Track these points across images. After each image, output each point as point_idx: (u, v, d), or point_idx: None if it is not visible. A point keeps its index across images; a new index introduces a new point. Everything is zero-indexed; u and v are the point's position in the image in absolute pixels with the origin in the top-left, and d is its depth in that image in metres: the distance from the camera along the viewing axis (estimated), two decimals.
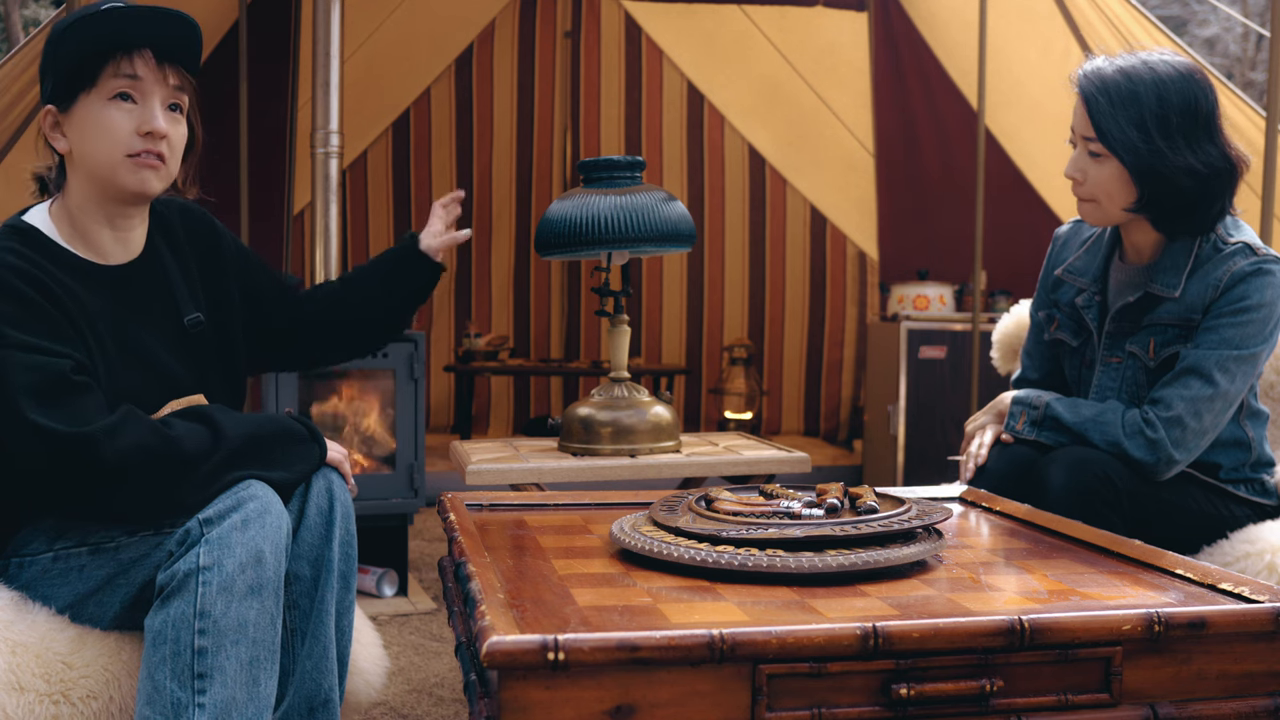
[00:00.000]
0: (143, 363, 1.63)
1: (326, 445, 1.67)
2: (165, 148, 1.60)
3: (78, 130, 1.57)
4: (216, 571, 1.41)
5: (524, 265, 6.24)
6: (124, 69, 1.55)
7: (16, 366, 1.44)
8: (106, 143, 1.56)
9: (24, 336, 1.46)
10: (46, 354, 1.47)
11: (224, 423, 1.54)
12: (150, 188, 1.60)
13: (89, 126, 1.56)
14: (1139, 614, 1.14)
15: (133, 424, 1.46)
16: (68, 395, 1.45)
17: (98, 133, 1.56)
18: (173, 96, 1.61)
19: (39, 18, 12.18)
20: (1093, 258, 2.06)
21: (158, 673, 1.39)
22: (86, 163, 1.58)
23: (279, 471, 1.57)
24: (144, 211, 1.69)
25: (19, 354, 1.45)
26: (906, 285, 5.16)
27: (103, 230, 1.63)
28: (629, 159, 2.23)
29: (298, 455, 1.61)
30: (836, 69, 5.63)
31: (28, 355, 1.45)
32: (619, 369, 2.34)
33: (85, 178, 1.59)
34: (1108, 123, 1.85)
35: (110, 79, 1.55)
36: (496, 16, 6.02)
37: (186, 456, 1.47)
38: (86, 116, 1.56)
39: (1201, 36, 14.25)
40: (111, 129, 1.56)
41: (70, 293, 1.55)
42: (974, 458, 2.00)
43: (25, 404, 1.42)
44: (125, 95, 1.56)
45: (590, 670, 1.03)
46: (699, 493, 1.57)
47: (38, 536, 1.57)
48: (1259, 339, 1.86)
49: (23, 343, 1.46)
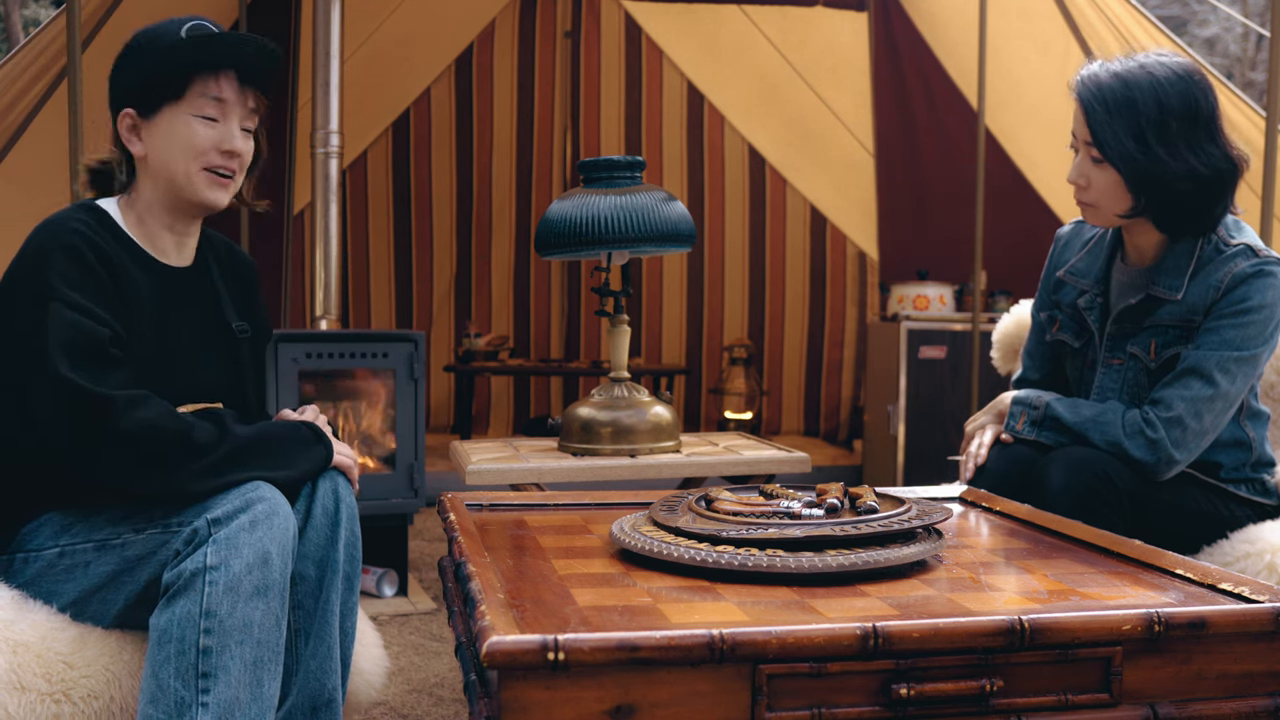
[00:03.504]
0: (176, 358, 1.67)
1: (334, 447, 1.68)
2: (238, 165, 1.69)
3: (160, 138, 1.64)
4: (223, 571, 1.42)
5: (524, 265, 6.24)
6: (211, 90, 1.64)
7: (61, 321, 1.49)
8: (188, 155, 1.64)
9: (75, 295, 1.52)
10: (92, 318, 1.52)
11: (232, 424, 1.57)
12: (220, 201, 1.69)
13: (173, 138, 1.64)
14: (1139, 614, 1.14)
15: (152, 402, 1.51)
16: (101, 361, 1.50)
17: (181, 145, 1.63)
18: (249, 118, 1.69)
19: (39, 18, 12.19)
20: (1094, 259, 2.06)
21: (162, 671, 1.39)
22: (164, 170, 1.65)
23: (286, 471, 1.59)
24: (199, 225, 1.77)
25: (66, 310, 1.50)
26: (906, 285, 5.16)
27: (164, 233, 1.70)
28: (629, 159, 2.23)
29: (304, 456, 1.63)
30: (836, 69, 5.63)
31: (74, 314, 1.51)
32: (619, 369, 2.34)
33: (158, 182, 1.67)
34: (1104, 132, 1.86)
35: (197, 96, 1.63)
36: (496, 16, 6.01)
37: (195, 444, 1.50)
38: (171, 128, 1.64)
39: (1201, 36, 14.25)
40: (194, 143, 1.64)
41: (128, 274, 1.61)
42: (974, 458, 2.00)
43: (59, 357, 1.47)
44: (209, 117, 1.64)
45: (590, 670, 1.03)
46: (699, 493, 1.57)
47: (43, 531, 1.58)
48: (1260, 340, 1.87)
49: (72, 301, 1.51)
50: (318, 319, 3.60)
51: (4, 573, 1.58)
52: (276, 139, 4.69)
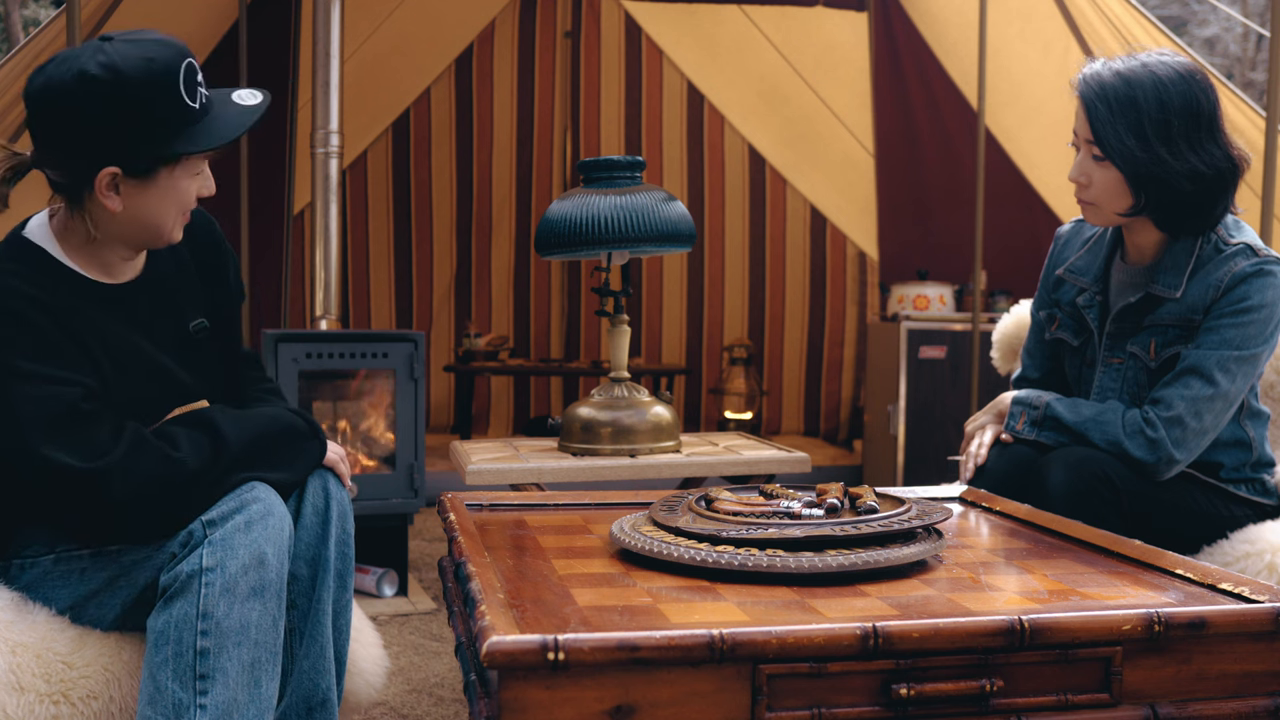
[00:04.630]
0: (147, 372, 1.62)
1: (327, 442, 1.67)
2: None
3: (146, 197, 1.54)
4: (219, 573, 1.41)
5: (524, 265, 6.24)
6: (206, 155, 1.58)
7: (27, 399, 1.43)
8: (178, 209, 1.58)
9: (32, 365, 1.45)
10: (56, 383, 1.45)
11: (226, 429, 1.53)
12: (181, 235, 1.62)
13: (167, 199, 1.55)
14: (1139, 614, 1.14)
15: (142, 455, 1.45)
16: (78, 425, 1.45)
17: (174, 203, 1.56)
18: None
19: (39, 18, 12.19)
20: (1094, 258, 2.06)
21: (159, 673, 1.39)
22: (145, 222, 1.56)
23: (281, 472, 1.58)
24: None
25: (28, 386, 1.44)
26: (906, 285, 5.16)
27: (116, 262, 1.61)
28: (629, 159, 2.23)
29: (300, 452, 1.62)
30: (836, 69, 5.63)
31: (37, 387, 1.44)
32: (619, 369, 2.34)
33: (125, 228, 1.56)
34: (1106, 130, 1.86)
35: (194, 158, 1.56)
36: (496, 16, 6.01)
37: (192, 475, 1.47)
38: (165, 191, 1.55)
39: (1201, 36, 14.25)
40: (187, 199, 1.58)
41: (73, 310, 1.53)
42: (974, 458, 2.00)
43: (36, 437, 1.42)
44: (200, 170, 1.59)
45: (590, 670, 1.03)
46: (699, 493, 1.57)
47: (39, 538, 1.57)
48: (1260, 340, 1.87)
49: (31, 373, 1.44)
50: (318, 319, 3.60)
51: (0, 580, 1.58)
52: (276, 139, 4.69)
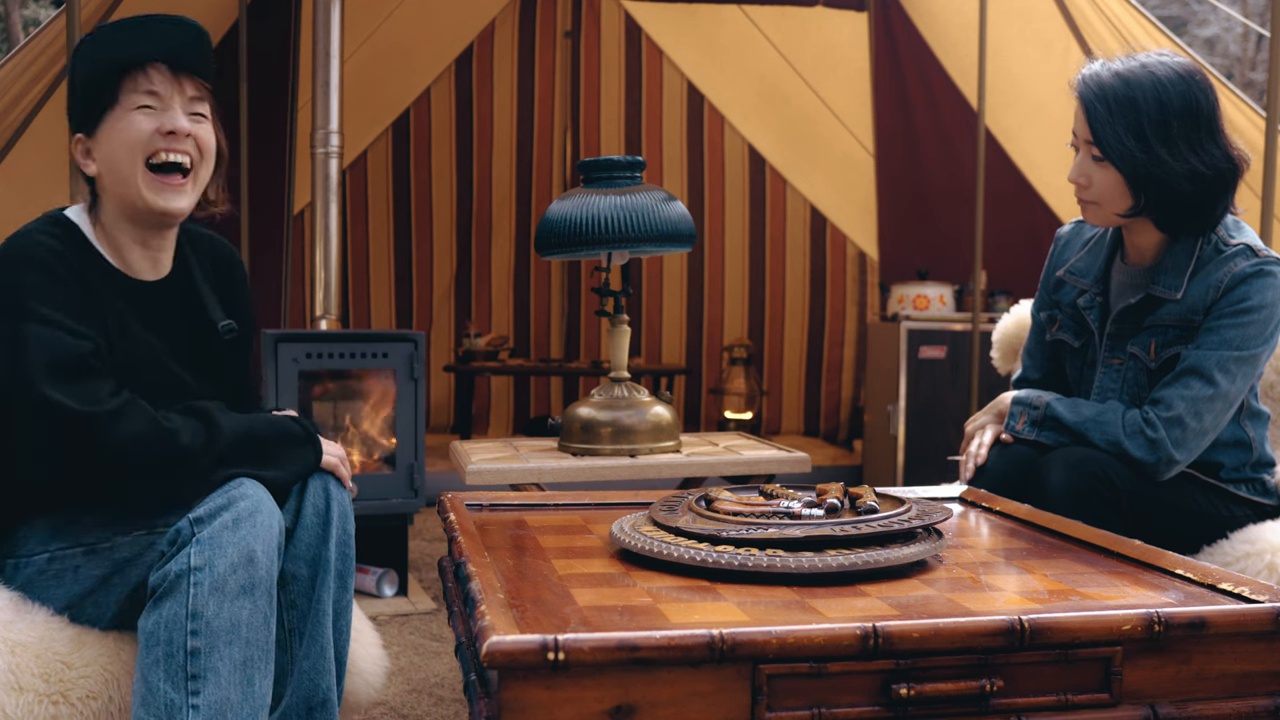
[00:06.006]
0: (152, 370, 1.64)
1: (323, 447, 1.67)
2: (193, 149, 1.62)
3: (104, 147, 1.60)
4: (208, 572, 1.41)
5: (524, 265, 6.24)
6: (141, 84, 1.59)
7: (39, 340, 1.47)
8: (132, 150, 1.58)
9: (49, 312, 1.49)
10: (69, 333, 1.49)
11: (220, 420, 1.55)
12: (173, 205, 1.62)
13: (114, 139, 1.59)
14: (1139, 614, 1.14)
15: (133, 413, 1.48)
16: (82, 375, 1.48)
17: (121, 142, 1.58)
18: (191, 105, 1.64)
19: (39, 18, 12.19)
20: (1094, 259, 2.06)
21: (151, 674, 1.39)
22: (115, 180, 1.60)
23: (273, 470, 1.58)
24: (173, 234, 1.71)
25: (44, 329, 1.48)
26: (906, 285, 5.16)
27: (135, 247, 1.66)
28: (629, 159, 2.23)
29: (294, 456, 1.62)
30: (836, 69, 5.63)
31: (51, 331, 1.48)
32: (619, 369, 2.34)
33: (111, 196, 1.62)
34: (1105, 131, 1.86)
35: (130, 94, 1.59)
36: (496, 16, 6.01)
37: (182, 450, 1.49)
38: (112, 131, 1.59)
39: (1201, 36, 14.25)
40: (133, 134, 1.58)
41: (97, 289, 1.58)
42: (974, 458, 2.00)
43: (40, 377, 1.45)
44: (145, 106, 1.59)
45: (590, 670, 1.03)
46: (699, 493, 1.57)
47: (33, 537, 1.57)
48: (1259, 340, 1.87)
49: (47, 318, 1.49)
50: (318, 319, 3.60)
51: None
52: (276, 139, 4.69)
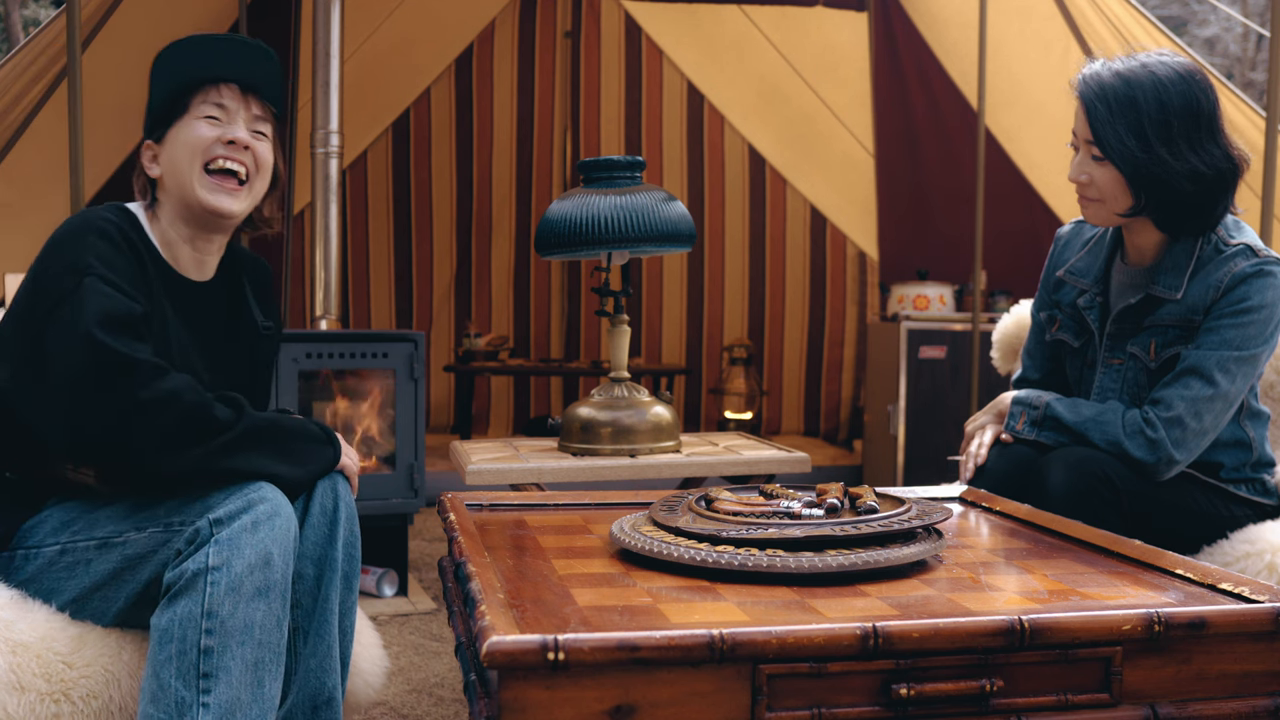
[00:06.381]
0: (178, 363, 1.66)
1: (342, 450, 1.69)
2: (250, 160, 1.71)
3: (168, 151, 1.69)
4: (225, 572, 1.42)
5: (524, 265, 6.24)
6: (211, 98, 1.69)
7: (97, 294, 1.52)
8: (193, 154, 1.67)
9: (110, 274, 1.55)
10: (125, 295, 1.55)
11: (248, 408, 1.59)
12: (225, 206, 1.69)
13: (179, 144, 1.68)
14: (1139, 614, 1.14)
15: (173, 374, 1.52)
16: (131, 328, 1.52)
17: (184, 146, 1.67)
18: (255, 123, 1.73)
19: (39, 18, 12.19)
20: (1094, 259, 2.06)
21: (163, 671, 1.40)
22: (174, 179, 1.68)
23: (293, 465, 1.59)
24: (223, 240, 1.78)
25: (102, 285, 1.53)
26: (906, 285, 5.16)
27: (184, 246, 1.73)
28: (629, 159, 2.23)
29: (314, 454, 1.64)
30: (836, 69, 5.63)
31: (109, 288, 1.53)
32: (619, 369, 2.34)
33: (171, 194, 1.70)
34: (1106, 131, 1.86)
35: (199, 105, 1.69)
36: (496, 16, 6.01)
37: (214, 419, 1.51)
38: (178, 137, 1.69)
39: (1201, 36, 14.26)
40: (195, 138, 1.67)
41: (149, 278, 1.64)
42: (974, 458, 2.00)
43: (92, 321, 1.48)
44: (212, 118, 1.69)
45: (590, 670, 1.03)
46: (699, 493, 1.57)
47: (44, 527, 1.58)
48: (1259, 340, 1.87)
49: (106, 277, 1.54)
50: (318, 319, 3.60)
51: (4, 570, 1.58)
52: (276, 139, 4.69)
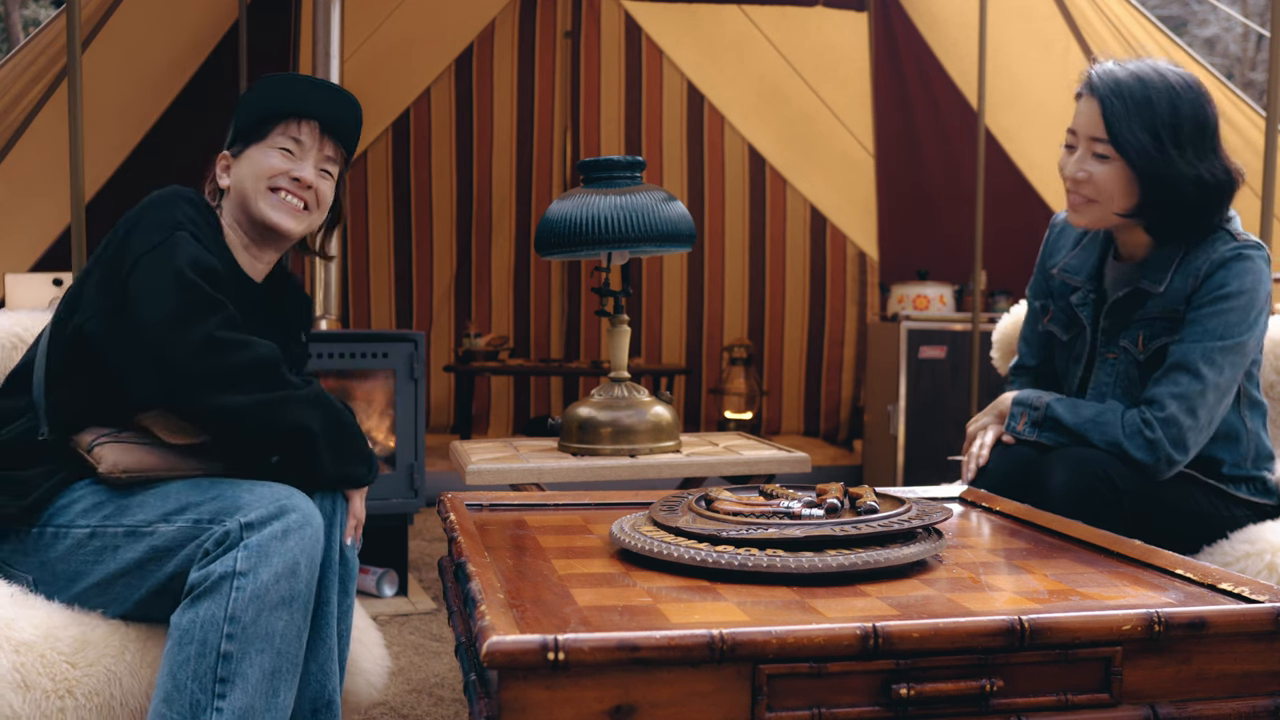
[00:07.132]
0: None
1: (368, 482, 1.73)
2: (311, 198, 1.80)
3: (240, 168, 1.79)
4: (251, 578, 1.42)
5: (524, 265, 6.24)
6: (290, 131, 1.78)
7: (188, 244, 1.60)
8: (261, 176, 1.76)
9: (198, 232, 1.65)
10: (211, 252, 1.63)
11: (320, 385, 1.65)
12: (284, 224, 1.77)
13: (251, 165, 1.78)
14: (1139, 614, 1.14)
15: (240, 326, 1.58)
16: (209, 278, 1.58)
17: (256, 169, 1.77)
18: (325, 163, 1.82)
19: (39, 18, 12.19)
20: (1088, 255, 2.07)
21: (179, 672, 1.39)
22: (240, 191, 1.78)
23: (333, 455, 1.61)
24: (273, 257, 1.85)
25: (192, 241, 1.61)
26: (906, 285, 5.16)
27: (241, 250, 1.80)
28: (629, 159, 2.23)
29: (352, 460, 1.67)
30: (836, 69, 5.63)
31: (198, 246, 1.61)
32: (619, 369, 2.34)
33: (234, 207, 1.79)
34: (1121, 125, 1.86)
35: (278, 135, 1.78)
36: (496, 16, 6.01)
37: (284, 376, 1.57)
38: (252, 159, 1.78)
39: (1201, 36, 14.26)
40: (266, 165, 1.77)
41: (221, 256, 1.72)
42: (975, 458, 2.00)
43: (184, 263, 1.56)
44: (287, 150, 1.78)
45: (590, 670, 1.03)
46: (699, 493, 1.57)
47: (75, 507, 1.57)
48: (1242, 327, 1.86)
49: (197, 236, 1.63)
50: (318, 319, 3.60)
51: (34, 545, 1.57)
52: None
